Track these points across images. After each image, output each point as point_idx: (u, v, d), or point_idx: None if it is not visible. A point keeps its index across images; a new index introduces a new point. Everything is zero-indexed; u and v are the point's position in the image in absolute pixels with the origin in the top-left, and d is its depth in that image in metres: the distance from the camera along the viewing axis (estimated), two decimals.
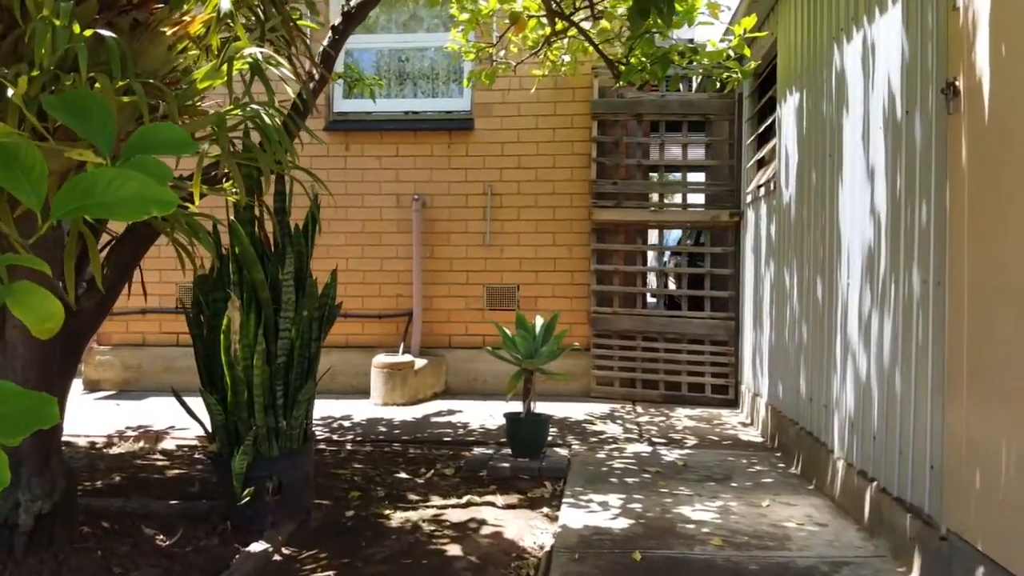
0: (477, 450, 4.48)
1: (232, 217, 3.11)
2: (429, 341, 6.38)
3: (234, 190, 3.05)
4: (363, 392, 6.14)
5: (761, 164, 5.68)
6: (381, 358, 5.95)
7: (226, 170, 3.20)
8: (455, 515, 3.44)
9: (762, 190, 5.22)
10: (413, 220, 6.29)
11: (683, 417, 5.58)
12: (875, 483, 3.06)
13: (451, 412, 5.66)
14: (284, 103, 2.83)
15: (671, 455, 4.44)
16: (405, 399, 5.87)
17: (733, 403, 5.98)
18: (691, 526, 3.20)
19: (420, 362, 6.05)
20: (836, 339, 3.59)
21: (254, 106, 2.53)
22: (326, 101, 6.55)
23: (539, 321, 4.37)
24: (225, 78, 2.50)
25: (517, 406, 4.36)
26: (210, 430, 3.18)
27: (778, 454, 4.50)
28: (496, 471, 4.06)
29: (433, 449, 4.69)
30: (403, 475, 4.07)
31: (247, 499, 3.01)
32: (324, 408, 5.74)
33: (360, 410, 5.72)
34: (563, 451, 4.47)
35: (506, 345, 4.30)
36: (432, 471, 4.14)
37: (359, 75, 5.10)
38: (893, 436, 2.92)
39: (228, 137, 2.45)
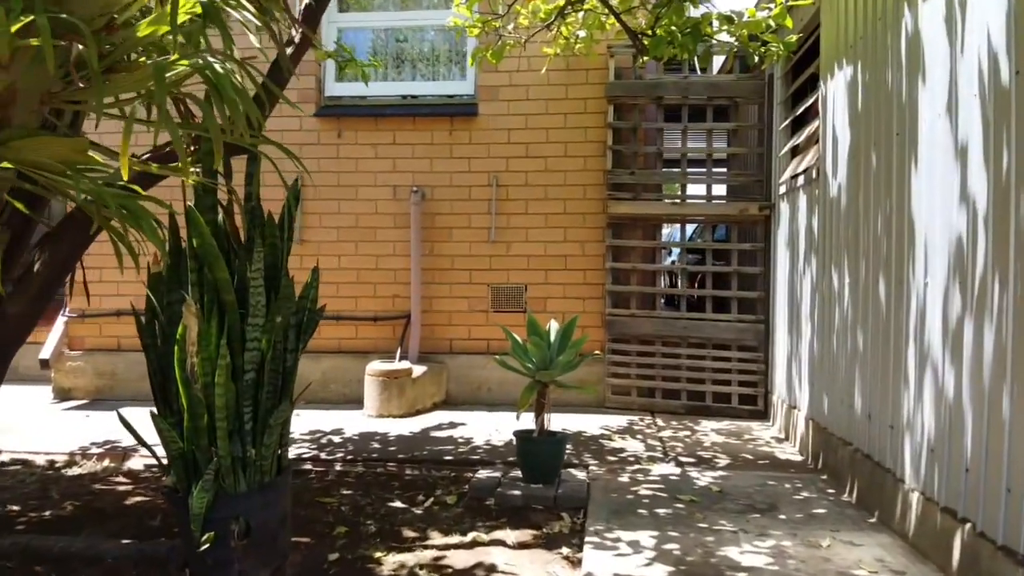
0: (482, 473, 3.94)
1: (190, 203, 2.57)
2: (429, 346, 5.84)
3: (195, 169, 2.52)
4: (357, 401, 5.61)
5: (796, 151, 5.14)
6: (376, 365, 5.41)
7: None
8: (459, 558, 2.90)
9: (800, 179, 4.68)
10: (411, 214, 5.75)
11: (710, 431, 5.04)
12: (968, 525, 2.53)
13: (453, 425, 5.12)
14: (248, 59, 2.29)
15: (703, 478, 3.90)
16: (402, 410, 5.33)
17: (763, 415, 5.44)
18: (743, 575, 2.67)
19: (419, 369, 5.51)
20: (908, 348, 3.05)
21: (209, 58, 1.99)
22: (317, 85, 6.02)
23: (554, 326, 3.83)
24: (170, 24, 1.95)
25: (527, 419, 3.82)
26: (165, 460, 2.64)
27: (824, 477, 3.96)
28: (505, 499, 3.52)
29: (433, 470, 4.15)
30: (398, 504, 3.53)
31: (207, 545, 2.47)
32: (313, 420, 5.20)
33: (353, 422, 5.18)
34: (580, 474, 3.93)
35: (516, 353, 3.76)
36: (431, 499, 3.60)
37: (351, 55, 4.54)
38: (996, 469, 2.38)
39: (174, 94, 1.91)
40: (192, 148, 2.57)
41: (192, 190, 2.65)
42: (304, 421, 5.20)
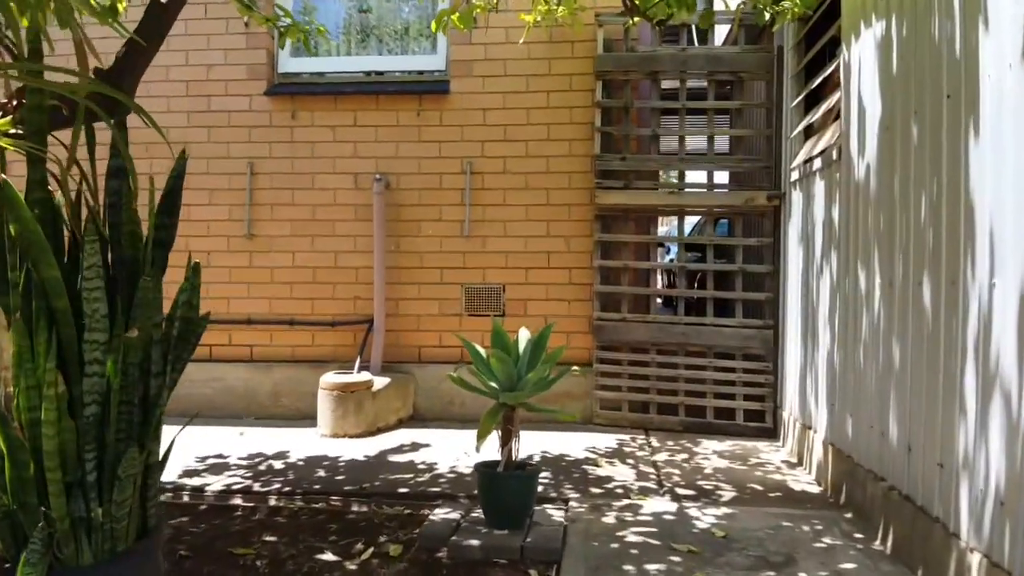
0: (439, 512, 3.28)
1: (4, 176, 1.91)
2: (394, 354, 5.18)
3: (16, 129, 1.87)
4: (312, 417, 4.94)
5: (810, 132, 4.49)
6: (330, 377, 4.75)
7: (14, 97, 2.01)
8: None
9: (817, 162, 4.02)
10: (374, 205, 5.09)
11: (711, 454, 4.39)
12: None
13: (416, 447, 4.46)
14: None
15: (704, 518, 3.25)
16: (360, 429, 4.67)
17: (771, 433, 4.78)
18: None
19: (381, 381, 4.85)
20: (964, 365, 2.40)
21: None
22: (269, 59, 5.36)
23: (524, 335, 3.17)
24: None
25: (492, 446, 3.16)
26: None
27: (848, 515, 3.31)
28: (461, 551, 2.86)
29: (384, 505, 3.50)
30: (328, 556, 2.87)
31: None
32: (258, 441, 4.54)
33: (302, 443, 4.52)
34: (557, 513, 3.28)
35: (477, 369, 3.11)
36: (371, 548, 2.94)
37: (290, 17, 3.87)
38: None
39: None
40: (12, 103, 1.91)
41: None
42: (247, 442, 4.55)
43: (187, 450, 4.33)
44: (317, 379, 4.89)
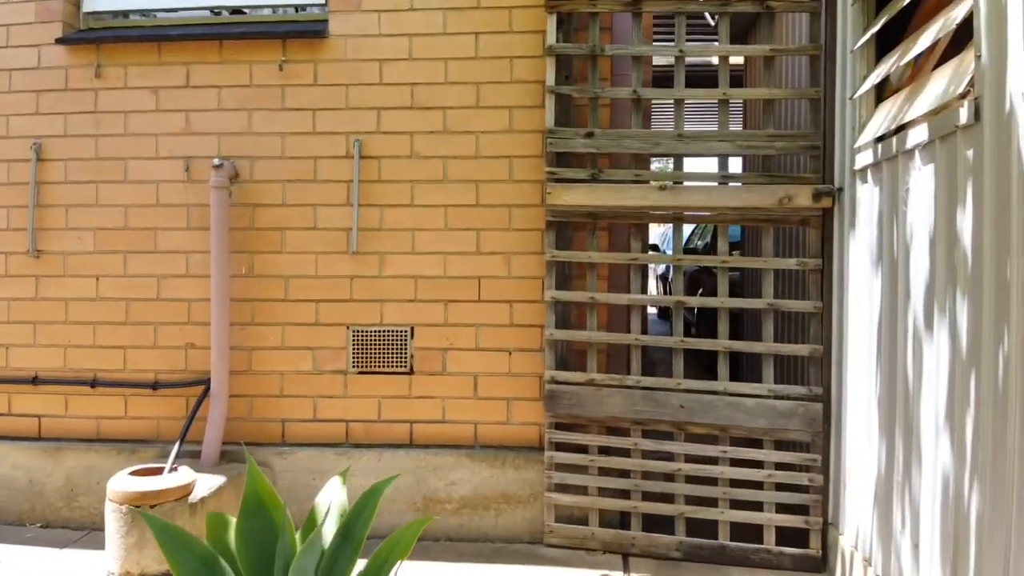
0: None
1: None
2: (242, 432, 3.45)
3: None
4: None
5: (884, 90, 2.78)
6: (121, 481, 3.00)
7: None
8: None
9: (916, 133, 2.29)
10: (213, 204, 3.36)
11: None
12: None
13: None
14: None
15: None
16: (167, 565, 2.93)
17: (818, 565, 3.06)
18: None
19: (211, 481, 3.11)
20: None
21: None
22: None
23: (327, 497, 1.44)
24: None
25: None
26: None
27: None
28: None
29: None
30: None
31: None
32: None
33: None
34: None
35: None
36: None
37: None
38: None
39: None
40: None
41: None
42: None
43: None
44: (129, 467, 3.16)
